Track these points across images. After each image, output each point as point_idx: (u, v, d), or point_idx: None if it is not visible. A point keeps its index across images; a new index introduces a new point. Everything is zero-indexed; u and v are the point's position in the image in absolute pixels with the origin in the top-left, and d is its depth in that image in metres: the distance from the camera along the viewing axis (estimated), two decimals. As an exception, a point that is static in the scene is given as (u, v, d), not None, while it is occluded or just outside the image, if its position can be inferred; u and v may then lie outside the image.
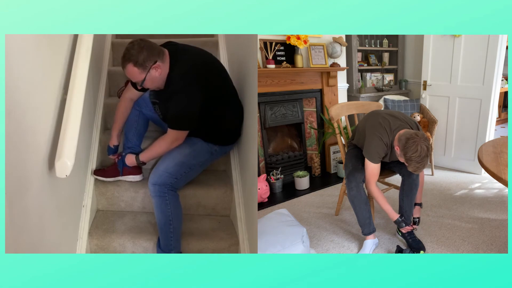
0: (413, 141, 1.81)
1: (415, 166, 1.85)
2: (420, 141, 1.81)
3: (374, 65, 4.38)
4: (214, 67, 1.93)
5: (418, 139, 1.81)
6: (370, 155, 2.02)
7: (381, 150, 2.00)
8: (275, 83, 3.21)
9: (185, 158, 1.91)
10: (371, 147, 2.01)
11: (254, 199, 1.81)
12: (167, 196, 1.87)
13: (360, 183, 2.12)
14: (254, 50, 1.95)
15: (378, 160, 2.03)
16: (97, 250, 1.96)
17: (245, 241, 1.90)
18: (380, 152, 2.01)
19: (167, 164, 1.88)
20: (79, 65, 1.68)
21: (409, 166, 1.87)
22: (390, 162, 2.19)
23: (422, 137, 1.83)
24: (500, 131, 5.06)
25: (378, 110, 2.24)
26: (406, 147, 1.83)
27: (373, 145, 2.00)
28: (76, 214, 1.87)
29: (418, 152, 1.80)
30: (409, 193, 2.19)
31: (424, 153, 1.81)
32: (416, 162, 1.83)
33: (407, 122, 2.03)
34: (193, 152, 1.93)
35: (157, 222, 1.91)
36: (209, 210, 2.16)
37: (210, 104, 1.86)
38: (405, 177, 2.20)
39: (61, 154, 1.43)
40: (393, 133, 1.97)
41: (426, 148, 1.82)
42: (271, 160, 3.36)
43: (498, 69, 3.15)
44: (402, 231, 2.21)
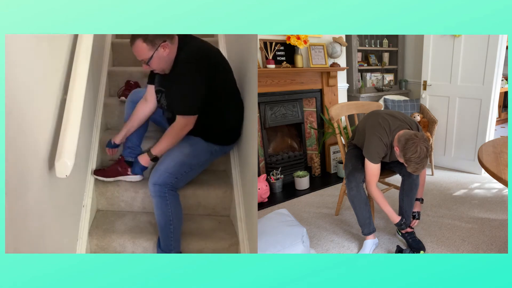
0: (412, 142, 1.81)
1: (414, 167, 1.85)
2: (420, 142, 1.81)
3: (374, 65, 4.38)
4: (222, 59, 1.94)
5: (417, 140, 1.81)
6: (370, 155, 2.02)
7: (381, 150, 2.00)
8: (275, 83, 3.21)
9: (186, 158, 1.90)
10: (371, 147, 2.01)
11: (254, 199, 1.81)
12: (167, 196, 1.87)
13: (360, 183, 2.12)
14: (254, 50, 1.95)
15: (378, 160, 2.03)
16: (97, 250, 1.96)
17: (245, 241, 1.90)
18: (380, 152, 2.00)
19: (167, 164, 1.88)
20: (79, 65, 1.68)
21: (409, 167, 1.87)
22: (390, 162, 2.19)
23: (422, 138, 1.83)
24: (500, 131, 5.06)
25: (378, 110, 2.24)
26: (406, 148, 1.82)
27: (373, 145, 2.00)
28: (76, 214, 1.86)
29: (417, 153, 1.80)
30: (409, 193, 2.19)
31: (423, 154, 1.80)
32: (416, 163, 1.82)
33: (406, 122, 2.02)
34: (194, 152, 1.93)
35: (157, 222, 1.91)
36: (209, 210, 2.16)
37: (213, 96, 1.86)
38: (405, 177, 2.20)
39: (61, 154, 1.43)
40: (393, 133, 1.97)
41: (426, 149, 1.81)
42: (271, 160, 3.36)
43: (498, 69, 3.15)
44: (402, 232, 2.21)
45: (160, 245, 1.91)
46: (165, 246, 1.89)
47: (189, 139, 1.93)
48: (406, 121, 2.03)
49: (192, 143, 1.94)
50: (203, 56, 1.81)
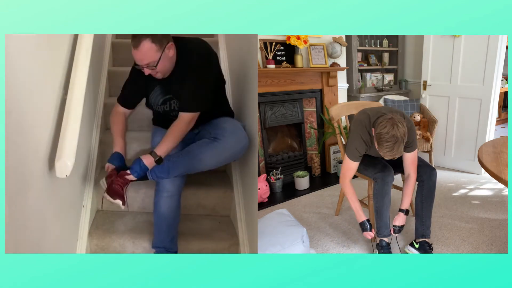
0: (384, 118, 1.72)
1: (382, 146, 1.72)
2: (394, 120, 1.69)
3: (374, 65, 4.39)
4: (217, 58, 1.90)
5: (392, 117, 1.70)
6: (349, 152, 1.99)
7: (361, 148, 1.96)
8: (275, 83, 3.21)
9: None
10: (351, 145, 1.98)
11: (254, 199, 1.81)
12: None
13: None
14: (254, 50, 1.96)
15: (356, 158, 1.98)
16: (97, 250, 1.95)
17: (245, 241, 1.90)
18: (360, 150, 1.96)
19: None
20: (79, 65, 1.68)
21: (379, 147, 1.75)
22: (402, 166, 2.09)
23: (398, 120, 1.71)
24: (500, 131, 5.06)
25: (366, 108, 2.09)
26: (377, 123, 1.74)
27: (353, 143, 1.97)
28: (76, 214, 1.86)
29: (386, 129, 1.68)
30: (429, 198, 2.07)
31: (394, 132, 1.67)
32: (385, 140, 1.69)
33: (391, 112, 1.86)
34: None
35: (163, 221, 1.85)
36: (209, 210, 2.16)
37: (219, 90, 1.88)
38: (424, 182, 2.06)
39: (61, 154, 1.43)
40: (373, 124, 1.87)
41: (399, 129, 1.68)
42: (271, 160, 3.36)
43: (498, 69, 3.15)
44: (365, 236, 2.08)
45: (164, 244, 1.87)
46: (172, 243, 1.87)
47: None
48: (391, 112, 1.88)
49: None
50: (211, 51, 1.80)
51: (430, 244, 2.11)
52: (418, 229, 2.12)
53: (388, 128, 1.69)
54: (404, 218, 2.06)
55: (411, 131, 1.92)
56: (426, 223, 2.10)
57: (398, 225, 2.05)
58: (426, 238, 2.10)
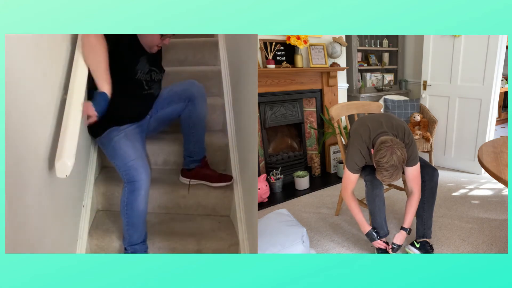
0: (384, 145, 1.72)
1: (381, 174, 1.74)
2: (393, 147, 1.70)
3: (374, 65, 4.39)
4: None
5: (391, 145, 1.71)
6: (348, 165, 1.99)
7: (359, 161, 1.96)
8: (275, 83, 3.21)
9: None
10: (349, 158, 1.97)
11: (254, 199, 1.81)
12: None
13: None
14: (254, 50, 1.96)
15: (356, 171, 1.98)
16: (97, 250, 1.95)
17: (245, 241, 1.90)
18: (358, 163, 1.96)
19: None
20: (79, 65, 1.68)
21: (377, 172, 1.77)
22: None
23: (397, 144, 1.72)
24: (500, 131, 5.06)
25: (364, 117, 2.10)
26: (376, 150, 1.75)
27: (352, 157, 1.96)
28: (76, 214, 1.86)
29: (386, 158, 1.69)
30: (431, 199, 2.06)
31: (393, 161, 1.68)
32: (384, 169, 1.71)
33: (392, 130, 1.91)
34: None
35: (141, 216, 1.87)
36: (209, 210, 2.16)
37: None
38: (426, 182, 2.05)
39: (61, 154, 1.43)
40: (373, 141, 1.88)
41: (398, 157, 1.69)
42: (271, 160, 3.36)
43: (498, 69, 3.15)
44: (374, 245, 2.07)
45: (143, 239, 1.88)
46: (146, 236, 1.89)
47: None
48: (392, 128, 1.92)
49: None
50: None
51: (431, 244, 2.11)
52: (419, 229, 2.12)
53: (387, 157, 1.69)
54: (404, 237, 2.04)
55: (412, 147, 1.92)
56: (427, 223, 2.10)
57: (397, 244, 2.03)
58: (427, 238, 2.11)
